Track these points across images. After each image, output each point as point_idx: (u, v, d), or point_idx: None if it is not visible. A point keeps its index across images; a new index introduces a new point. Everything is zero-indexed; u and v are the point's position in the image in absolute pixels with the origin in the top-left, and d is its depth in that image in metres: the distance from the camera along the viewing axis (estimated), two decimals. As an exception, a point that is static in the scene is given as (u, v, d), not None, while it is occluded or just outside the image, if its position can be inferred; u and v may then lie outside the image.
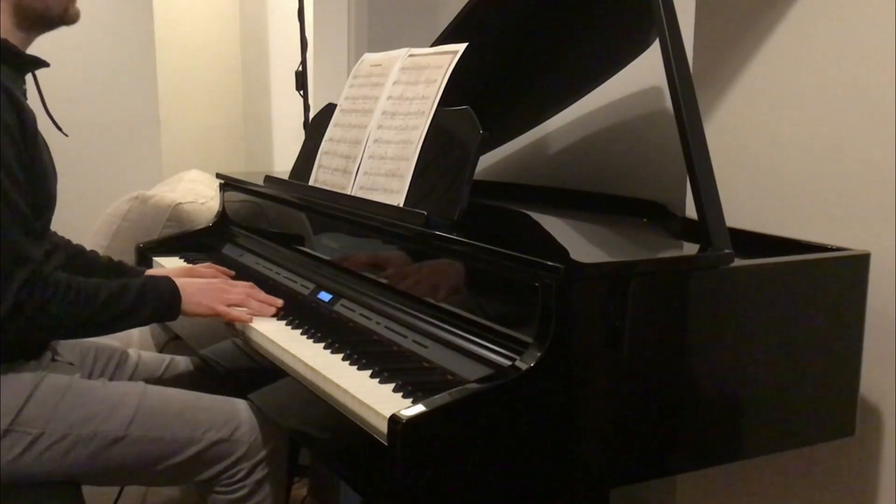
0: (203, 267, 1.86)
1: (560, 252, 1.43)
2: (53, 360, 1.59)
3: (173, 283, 1.57)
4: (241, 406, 1.59)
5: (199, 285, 1.62)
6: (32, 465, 1.46)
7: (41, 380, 1.49)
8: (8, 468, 1.45)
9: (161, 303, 1.54)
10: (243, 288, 1.66)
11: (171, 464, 1.52)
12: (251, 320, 1.59)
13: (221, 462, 1.54)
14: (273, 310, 1.63)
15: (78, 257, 1.83)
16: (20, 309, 1.38)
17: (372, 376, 1.30)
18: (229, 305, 1.60)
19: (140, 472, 1.52)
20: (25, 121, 1.44)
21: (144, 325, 1.62)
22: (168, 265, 2.02)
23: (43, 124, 1.55)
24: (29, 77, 1.58)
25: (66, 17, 1.57)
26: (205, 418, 1.54)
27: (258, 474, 1.56)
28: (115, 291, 1.48)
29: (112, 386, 1.58)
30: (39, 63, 1.58)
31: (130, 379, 1.77)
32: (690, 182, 1.31)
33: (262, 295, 1.66)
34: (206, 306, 1.58)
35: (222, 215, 2.31)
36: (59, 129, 1.67)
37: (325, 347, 1.45)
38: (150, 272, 1.83)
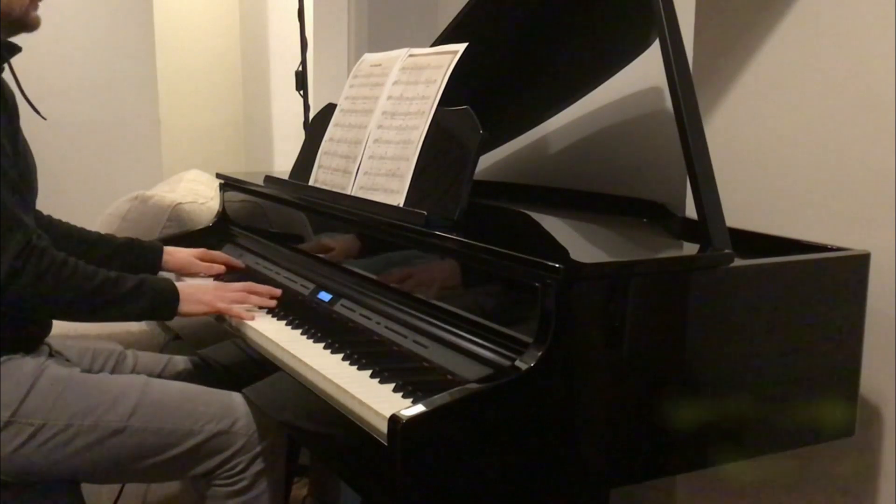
0: (217, 253, 1.91)
1: (560, 252, 1.43)
2: (51, 355, 1.59)
3: (173, 283, 1.60)
4: (239, 400, 1.60)
5: (198, 286, 1.66)
6: (33, 457, 1.46)
7: (42, 372, 1.50)
8: (9, 460, 1.45)
9: (158, 299, 1.55)
10: (241, 286, 1.69)
11: (170, 455, 1.52)
12: (253, 317, 1.62)
13: (220, 454, 1.55)
14: (273, 302, 1.66)
15: (97, 244, 1.82)
16: (16, 276, 1.39)
17: (372, 376, 1.30)
18: (230, 303, 1.63)
19: (139, 465, 1.52)
20: (3, 96, 1.46)
21: (138, 319, 1.63)
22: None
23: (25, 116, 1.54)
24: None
25: (27, 20, 1.55)
26: (204, 411, 1.55)
27: (256, 467, 1.56)
28: (113, 278, 1.50)
29: (113, 378, 1.58)
30: (13, 48, 1.56)
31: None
32: (690, 182, 1.31)
33: (260, 288, 1.70)
34: (206, 304, 1.60)
35: (222, 215, 2.31)
36: (37, 111, 1.65)
37: (325, 347, 1.45)
38: (168, 249, 1.85)
